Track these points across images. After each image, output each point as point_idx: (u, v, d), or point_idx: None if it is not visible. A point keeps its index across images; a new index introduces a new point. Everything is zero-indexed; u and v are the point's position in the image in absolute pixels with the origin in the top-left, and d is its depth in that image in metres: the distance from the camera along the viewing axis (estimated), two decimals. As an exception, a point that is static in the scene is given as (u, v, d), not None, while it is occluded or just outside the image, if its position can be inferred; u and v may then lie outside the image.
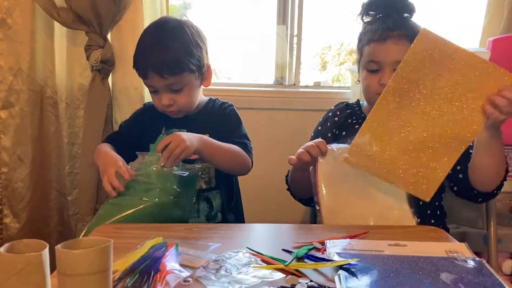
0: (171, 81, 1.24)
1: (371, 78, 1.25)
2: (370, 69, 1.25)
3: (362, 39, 1.29)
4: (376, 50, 1.23)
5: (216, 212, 1.30)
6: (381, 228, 1.03)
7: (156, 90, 1.27)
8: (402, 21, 1.25)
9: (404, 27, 1.23)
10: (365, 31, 1.29)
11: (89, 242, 0.62)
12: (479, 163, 1.16)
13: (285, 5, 1.95)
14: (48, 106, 1.71)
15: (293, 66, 1.99)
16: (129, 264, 0.78)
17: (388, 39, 1.21)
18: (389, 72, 1.20)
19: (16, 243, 0.59)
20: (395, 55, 1.19)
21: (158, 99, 1.28)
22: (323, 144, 1.13)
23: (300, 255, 0.86)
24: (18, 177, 1.65)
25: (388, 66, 1.21)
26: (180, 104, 1.28)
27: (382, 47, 1.22)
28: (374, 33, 1.24)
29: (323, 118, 1.39)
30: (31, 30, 1.61)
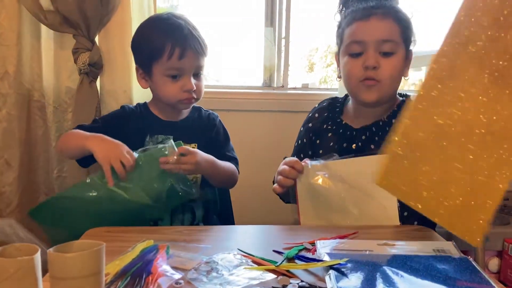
0: (201, 63, 1.25)
1: (354, 62, 1.14)
2: (352, 53, 1.14)
3: (342, 23, 1.20)
4: (359, 28, 1.13)
5: (198, 223, 1.28)
6: (370, 228, 1.04)
7: (179, 74, 1.23)
8: (386, 1, 1.17)
9: (389, 6, 1.15)
10: (345, 14, 1.20)
11: (81, 246, 0.62)
12: None
13: (273, 7, 1.96)
14: (36, 110, 1.70)
15: (281, 68, 2.01)
16: (120, 267, 0.78)
17: (372, 16, 1.12)
18: (374, 53, 1.11)
19: (8, 247, 0.59)
20: (380, 33, 1.11)
21: (180, 85, 1.24)
22: (298, 163, 1.10)
23: (291, 255, 0.86)
24: (6, 181, 1.64)
25: (372, 47, 1.11)
26: (199, 90, 1.28)
27: (365, 24, 1.12)
28: (356, 12, 1.15)
29: (306, 117, 1.37)
30: (18, 33, 1.60)
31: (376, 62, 1.11)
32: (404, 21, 1.15)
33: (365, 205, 1.08)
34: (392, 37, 1.11)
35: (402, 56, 1.14)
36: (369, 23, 1.11)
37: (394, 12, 1.14)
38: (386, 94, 1.16)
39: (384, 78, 1.12)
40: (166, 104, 1.30)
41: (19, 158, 1.65)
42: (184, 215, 1.26)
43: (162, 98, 1.28)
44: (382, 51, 1.11)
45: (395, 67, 1.13)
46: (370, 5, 1.14)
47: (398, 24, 1.13)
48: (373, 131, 1.18)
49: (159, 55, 1.20)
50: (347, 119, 1.24)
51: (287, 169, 1.11)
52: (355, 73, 1.14)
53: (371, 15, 1.11)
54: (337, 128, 1.24)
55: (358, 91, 1.16)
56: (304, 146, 1.32)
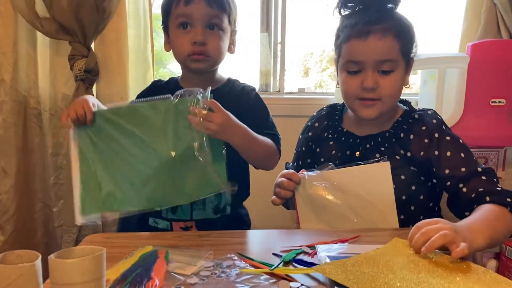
0: (215, 13, 1.13)
1: (351, 80, 1.11)
2: (349, 71, 1.11)
3: (340, 36, 1.13)
4: (356, 47, 1.08)
5: (225, 206, 1.20)
6: (370, 231, 1.04)
7: (189, 23, 1.14)
8: (386, 13, 1.09)
9: (389, 19, 1.08)
10: (343, 25, 1.13)
11: (82, 251, 0.62)
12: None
13: (268, 13, 1.97)
14: (32, 117, 1.70)
15: (277, 73, 2.02)
16: (120, 273, 0.78)
17: (371, 35, 1.06)
18: (372, 73, 1.07)
19: (8, 254, 0.59)
20: (378, 53, 1.06)
21: (190, 36, 1.14)
22: (295, 175, 1.10)
23: (288, 259, 0.86)
24: (2, 189, 1.63)
25: (370, 67, 1.07)
26: (212, 45, 1.15)
27: (363, 44, 1.07)
28: (353, 28, 1.08)
29: (304, 125, 1.36)
30: (14, 40, 1.60)
31: (374, 82, 1.08)
32: (405, 33, 1.10)
33: (364, 211, 1.08)
34: (391, 56, 1.07)
35: (402, 71, 1.11)
36: (367, 42, 1.06)
37: (394, 26, 1.07)
38: (386, 110, 1.14)
39: (384, 96, 1.10)
40: (186, 70, 1.23)
41: (16, 166, 1.65)
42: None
43: (176, 56, 1.20)
44: (381, 70, 1.08)
45: (395, 84, 1.10)
46: (369, 20, 1.07)
47: (398, 40, 1.07)
48: (379, 141, 1.16)
49: (169, 4, 1.15)
50: (349, 127, 1.22)
51: (285, 181, 1.11)
52: (353, 91, 1.12)
53: (369, 33, 1.06)
54: (339, 136, 1.22)
55: (357, 108, 1.14)
56: (303, 154, 1.31)
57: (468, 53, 1.67)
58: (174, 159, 1.01)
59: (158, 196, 1.02)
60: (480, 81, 1.66)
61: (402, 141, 1.14)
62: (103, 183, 1.02)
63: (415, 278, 0.75)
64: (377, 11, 1.08)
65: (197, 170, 1.00)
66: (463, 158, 1.10)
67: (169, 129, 1.01)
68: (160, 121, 1.02)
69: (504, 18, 1.78)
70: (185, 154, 1.00)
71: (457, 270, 0.79)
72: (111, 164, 1.03)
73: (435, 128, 1.13)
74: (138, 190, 1.02)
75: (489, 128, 1.67)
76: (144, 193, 1.02)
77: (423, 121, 1.15)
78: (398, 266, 0.80)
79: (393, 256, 0.84)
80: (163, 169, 1.02)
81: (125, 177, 1.02)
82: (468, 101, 1.67)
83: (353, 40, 1.08)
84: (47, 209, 1.76)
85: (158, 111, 1.03)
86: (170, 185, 1.02)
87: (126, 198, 1.01)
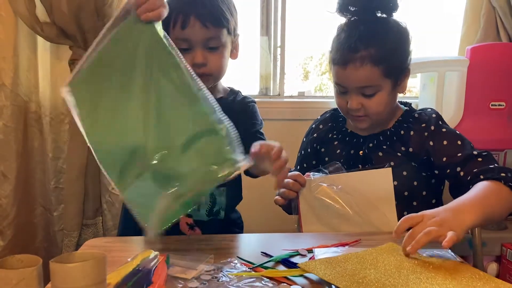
0: (211, 34, 1.11)
1: (340, 98, 1.18)
2: (338, 90, 1.17)
3: (331, 49, 1.18)
4: (338, 73, 1.14)
5: (219, 210, 1.22)
6: (370, 234, 1.04)
7: (188, 47, 1.12)
8: (370, 33, 1.12)
9: (370, 43, 1.10)
10: (333, 43, 1.18)
11: (83, 256, 0.62)
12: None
13: (268, 17, 1.97)
14: (32, 121, 1.70)
15: (277, 76, 2.02)
16: (121, 277, 0.78)
17: (349, 64, 1.11)
18: (356, 96, 1.13)
19: (9, 258, 0.59)
20: (357, 81, 1.11)
21: (190, 58, 1.11)
22: (301, 177, 1.12)
23: (277, 260, 0.87)
24: (2, 193, 1.63)
25: (353, 91, 1.13)
26: (213, 64, 1.14)
27: (343, 72, 1.12)
28: (336, 53, 1.14)
29: (308, 128, 1.38)
30: (14, 45, 1.60)
31: (358, 104, 1.13)
32: (388, 57, 1.11)
33: (366, 214, 1.10)
34: (371, 82, 1.11)
35: (387, 90, 1.14)
36: (346, 71, 1.11)
37: (374, 53, 1.09)
38: (378, 121, 1.19)
39: (370, 113, 1.15)
40: None
41: (16, 170, 1.65)
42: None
43: None
44: (363, 93, 1.13)
45: (380, 103, 1.14)
46: (349, 47, 1.10)
47: (378, 66, 1.10)
48: (380, 139, 1.20)
49: (167, 26, 1.11)
50: (352, 128, 1.26)
51: (290, 182, 1.11)
52: (342, 107, 1.18)
53: (348, 63, 1.10)
54: (343, 136, 1.25)
55: (350, 120, 1.22)
56: (308, 156, 1.32)
57: (468, 56, 1.67)
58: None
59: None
60: (480, 84, 1.66)
61: (402, 138, 1.17)
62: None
63: (396, 273, 0.77)
64: (361, 33, 1.11)
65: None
66: (459, 145, 1.13)
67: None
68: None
69: (503, 22, 1.79)
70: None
71: (440, 267, 0.80)
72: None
73: (432, 122, 1.16)
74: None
75: (489, 131, 1.67)
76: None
77: (422, 118, 1.19)
78: (383, 263, 0.82)
79: (381, 255, 0.86)
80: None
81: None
82: (467, 104, 1.67)
83: (336, 65, 1.14)
84: (47, 214, 1.76)
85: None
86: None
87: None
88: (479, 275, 0.77)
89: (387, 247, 0.91)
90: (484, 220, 0.94)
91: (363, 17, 1.15)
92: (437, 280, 0.75)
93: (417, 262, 0.83)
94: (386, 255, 0.86)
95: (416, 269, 0.79)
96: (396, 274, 0.77)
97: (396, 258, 0.85)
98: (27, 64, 1.66)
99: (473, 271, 0.79)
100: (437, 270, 0.79)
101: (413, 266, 0.81)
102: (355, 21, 1.15)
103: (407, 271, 0.79)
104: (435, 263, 0.82)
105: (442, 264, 0.82)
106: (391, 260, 0.84)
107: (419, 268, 0.80)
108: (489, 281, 0.75)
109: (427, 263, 0.82)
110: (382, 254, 0.87)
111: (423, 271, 0.79)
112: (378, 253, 0.88)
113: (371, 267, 0.80)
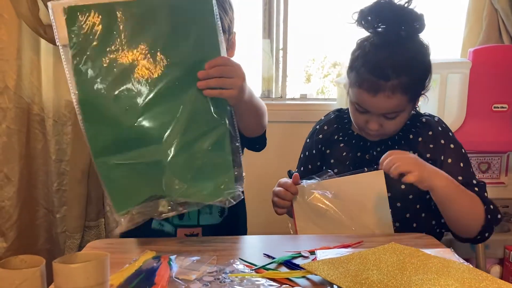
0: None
1: (358, 116, 1.15)
2: (357, 109, 1.13)
3: (354, 67, 1.12)
4: (364, 99, 1.09)
5: (225, 209, 1.20)
6: (374, 236, 1.04)
7: None
8: (401, 60, 1.07)
9: (402, 71, 1.05)
10: (358, 64, 1.10)
11: (86, 256, 0.62)
12: (445, 216, 1.11)
13: (270, 19, 1.98)
14: (35, 124, 1.71)
15: (279, 79, 2.02)
16: (124, 279, 0.78)
17: (380, 93, 1.06)
18: (377, 118, 1.11)
19: (12, 258, 0.59)
20: (385, 108, 1.09)
21: None
22: (292, 187, 1.12)
23: (280, 261, 0.87)
24: (5, 195, 1.64)
25: (376, 115, 1.11)
26: None
27: (371, 99, 1.08)
28: (363, 80, 1.08)
29: (312, 129, 1.37)
30: (17, 47, 1.61)
31: (379, 126, 1.12)
32: (415, 84, 1.10)
33: (361, 218, 1.10)
34: (397, 108, 1.10)
35: (408, 111, 1.14)
36: (376, 99, 1.07)
37: (405, 81, 1.06)
38: (392, 135, 1.19)
39: (387, 132, 1.16)
40: None
41: (19, 172, 1.65)
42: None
43: None
44: (386, 116, 1.11)
45: (399, 123, 1.14)
46: (381, 74, 1.05)
47: (406, 94, 1.08)
48: (389, 144, 1.18)
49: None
50: (358, 130, 1.24)
51: (282, 191, 1.13)
52: (359, 124, 1.17)
53: (379, 91, 1.06)
54: (349, 138, 1.24)
55: (363, 133, 1.20)
56: (313, 157, 1.31)
57: (470, 59, 1.67)
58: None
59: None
60: (482, 86, 1.66)
61: (410, 142, 1.17)
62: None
63: (399, 274, 0.77)
64: (392, 59, 1.06)
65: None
66: (461, 168, 1.14)
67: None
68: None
69: (505, 23, 1.79)
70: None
71: (443, 268, 0.80)
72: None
73: (441, 135, 1.17)
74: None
75: (491, 133, 1.67)
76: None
77: (430, 126, 1.18)
78: (385, 264, 0.82)
79: (383, 254, 0.87)
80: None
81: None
82: (470, 107, 1.67)
83: (363, 91, 1.09)
84: (50, 215, 1.76)
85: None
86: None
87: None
88: (482, 276, 0.77)
89: (390, 247, 0.91)
90: (446, 195, 1.03)
91: (387, 34, 1.10)
92: (440, 282, 0.75)
93: (420, 263, 0.83)
94: (389, 255, 0.86)
95: (419, 271, 0.79)
96: (399, 275, 0.77)
97: (399, 258, 0.85)
98: (30, 66, 1.67)
99: (476, 272, 0.79)
100: (439, 272, 0.79)
101: (416, 267, 0.81)
102: (381, 41, 1.10)
103: (410, 272, 0.79)
104: (438, 264, 0.82)
105: (444, 265, 0.82)
106: (393, 261, 0.84)
107: (422, 269, 0.80)
108: (492, 282, 0.75)
109: (429, 264, 0.82)
110: (385, 254, 0.87)
111: (425, 272, 0.79)
112: (381, 253, 0.88)
113: (373, 268, 0.80)
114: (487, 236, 1.09)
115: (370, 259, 0.84)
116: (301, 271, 0.82)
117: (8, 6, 1.58)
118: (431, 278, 0.76)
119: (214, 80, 0.87)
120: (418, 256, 0.86)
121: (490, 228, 1.08)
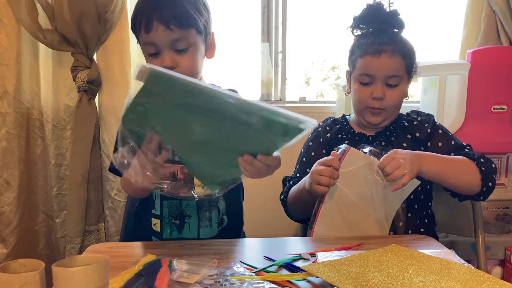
0: (177, 36, 1.08)
1: (363, 90, 1.27)
2: (362, 82, 1.26)
3: (355, 52, 1.30)
4: (370, 63, 1.24)
5: (222, 216, 1.21)
6: (374, 238, 1.04)
7: (157, 51, 1.10)
8: (395, 36, 1.27)
9: (397, 41, 1.26)
10: (359, 44, 1.29)
11: (85, 260, 0.62)
12: (445, 186, 1.20)
13: (269, 23, 1.98)
14: (35, 128, 1.71)
15: (278, 82, 2.02)
16: (124, 282, 0.78)
17: (383, 53, 1.23)
18: (381, 85, 1.24)
19: (12, 263, 0.59)
20: (388, 69, 1.23)
21: (158, 62, 1.09)
22: (334, 161, 1.11)
23: (280, 264, 0.87)
24: (5, 201, 1.64)
25: (380, 80, 1.24)
26: (183, 66, 1.10)
27: (376, 61, 1.24)
28: (368, 47, 1.25)
29: (312, 133, 1.38)
30: (17, 52, 1.61)
31: (382, 93, 1.25)
32: (409, 55, 1.27)
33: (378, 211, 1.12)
34: (398, 72, 1.24)
35: (405, 85, 1.29)
36: (380, 59, 1.23)
37: (402, 48, 1.25)
38: (390, 118, 1.30)
39: (388, 106, 1.26)
40: None
41: (19, 178, 1.65)
42: (211, 212, 1.19)
43: None
44: (388, 83, 1.25)
45: (399, 96, 1.27)
46: (382, 41, 1.24)
47: (404, 60, 1.25)
48: (387, 134, 1.29)
49: (134, 31, 1.12)
50: (357, 128, 1.34)
51: (329, 169, 1.11)
52: (363, 100, 1.27)
53: (382, 52, 1.23)
54: (352, 136, 1.32)
55: (365, 114, 1.29)
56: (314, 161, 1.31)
57: (469, 60, 1.67)
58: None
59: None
60: (481, 88, 1.66)
61: (407, 128, 1.29)
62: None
63: (400, 276, 0.78)
64: (388, 34, 1.26)
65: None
66: (453, 144, 1.27)
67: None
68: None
69: (503, 25, 1.79)
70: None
71: (445, 270, 0.80)
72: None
73: (429, 124, 1.29)
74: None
75: (491, 134, 1.67)
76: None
77: (419, 114, 1.33)
78: (386, 266, 0.82)
79: (384, 256, 0.87)
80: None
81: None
82: (469, 108, 1.67)
83: (367, 56, 1.25)
84: (49, 220, 1.76)
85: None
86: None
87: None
88: (484, 277, 0.77)
89: (390, 249, 0.91)
90: (440, 174, 1.13)
91: (381, 28, 1.27)
92: (441, 283, 0.75)
93: (421, 265, 0.82)
94: (390, 257, 0.86)
95: (420, 272, 0.79)
96: (400, 277, 0.77)
97: (399, 260, 0.85)
98: (30, 71, 1.67)
99: (477, 273, 0.79)
100: (441, 273, 0.79)
101: (417, 269, 0.81)
102: (375, 29, 1.28)
103: (411, 274, 0.79)
104: (439, 265, 0.82)
105: (446, 266, 0.82)
106: (394, 263, 0.84)
107: (423, 271, 0.80)
108: (494, 283, 0.75)
109: (431, 266, 0.82)
110: (386, 255, 0.87)
111: (427, 274, 0.79)
112: (382, 254, 0.88)
113: (374, 270, 0.80)
114: (491, 185, 1.18)
115: (371, 261, 0.84)
116: (302, 274, 0.82)
117: (7, 11, 1.58)
118: (433, 279, 0.76)
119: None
120: (419, 257, 0.86)
121: (490, 177, 1.17)
